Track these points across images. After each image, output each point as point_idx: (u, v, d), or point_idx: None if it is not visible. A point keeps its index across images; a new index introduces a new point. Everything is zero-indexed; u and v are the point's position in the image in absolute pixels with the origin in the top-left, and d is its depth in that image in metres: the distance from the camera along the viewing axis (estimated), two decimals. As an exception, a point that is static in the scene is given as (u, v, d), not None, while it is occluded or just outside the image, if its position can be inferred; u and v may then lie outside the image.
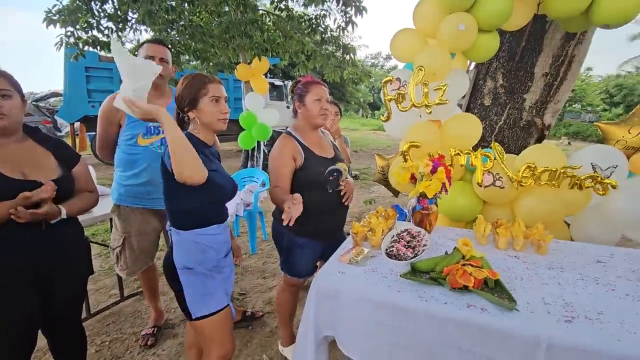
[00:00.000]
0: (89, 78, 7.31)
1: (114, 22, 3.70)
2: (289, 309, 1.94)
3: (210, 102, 1.33)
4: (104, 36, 3.75)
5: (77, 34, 3.64)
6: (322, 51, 5.41)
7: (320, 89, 1.70)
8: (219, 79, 1.41)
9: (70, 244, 1.41)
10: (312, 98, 1.68)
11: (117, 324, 2.26)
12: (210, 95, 1.32)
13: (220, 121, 1.36)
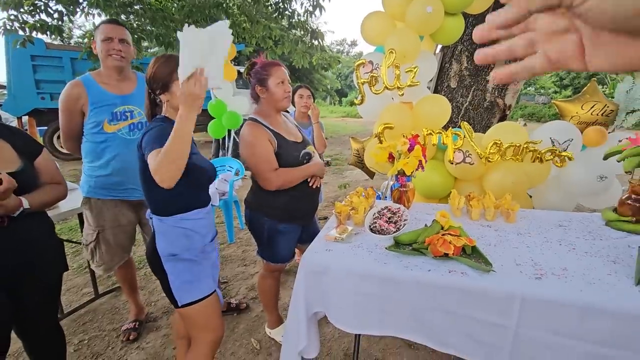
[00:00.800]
0: (36, 67, 6.72)
1: (64, 4, 3.42)
2: (273, 294, 1.96)
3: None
4: (53, 20, 3.46)
5: (21, 17, 3.33)
6: (290, 36, 5.33)
7: (281, 70, 1.64)
8: None
9: (38, 240, 1.33)
10: (275, 81, 1.61)
11: (94, 322, 2.18)
12: None
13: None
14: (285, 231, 1.75)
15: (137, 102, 1.77)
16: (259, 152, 1.59)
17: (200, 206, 1.35)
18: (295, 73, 16.22)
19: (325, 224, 1.63)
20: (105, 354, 1.91)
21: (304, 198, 1.74)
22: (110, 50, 1.70)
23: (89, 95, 1.68)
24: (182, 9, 3.92)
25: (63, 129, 1.74)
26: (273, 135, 1.61)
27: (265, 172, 1.60)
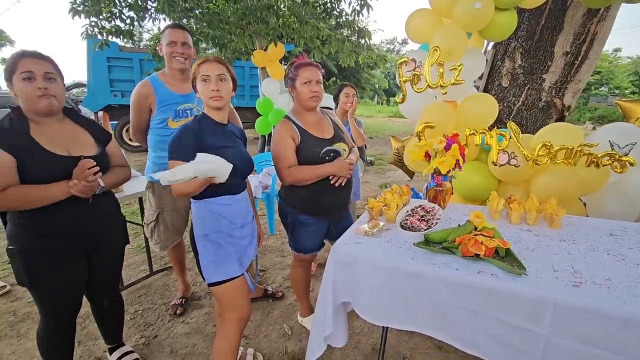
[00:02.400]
0: (110, 68, 7.53)
1: (135, 11, 3.81)
2: (303, 282, 2.03)
3: (200, 81, 1.41)
4: (126, 25, 3.87)
5: (100, 24, 3.78)
6: (337, 36, 5.39)
7: (309, 71, 1.67)
8: (212, 58, 1.45)
9: (110, 216, 1.54)
10: (301, 81, 1.67)
11: (147, 295, 2.43)
12: (200, 75, 1.41)
13: (211, 99, 1.41)
14: (307, 223, 1.81)
15: (196, 99, 1.95)
16: (278, 149, 1.68)
17: (227, 193, 1.46)
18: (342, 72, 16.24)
19: (358, 219, 1.67)
20: (155, 324, 2.13)
21: (325, 194, 1.76)
22: (174, 53, 1.88)
23: (156, 94, 1.89)
24: (236, 12, 4.16)
25: (133, 123, 1.97)
26: (298, 132, 1.68)
27: (280, 169, 1.69)
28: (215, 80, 1.39)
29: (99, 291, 1.64)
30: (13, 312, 2.25)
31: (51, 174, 1.29)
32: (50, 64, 1.32)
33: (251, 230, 1.60)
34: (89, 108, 7.68)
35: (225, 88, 1.42)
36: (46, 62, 1.31)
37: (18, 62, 1.27)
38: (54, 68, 1.33)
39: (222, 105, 1.44)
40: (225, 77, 1.43)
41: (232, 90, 1.48)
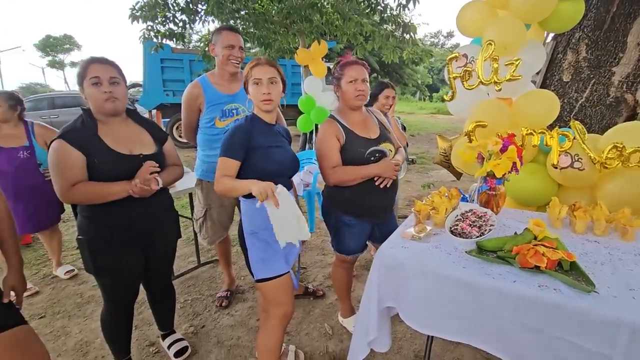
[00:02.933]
0: (163, 69, 8.02)
1: (187, 14, 4.01)
2: (344, 283, 2.02)
3: (252, 84, 1.44)
4: (179, 28, 4.09)
5: (156, 28, 4.02)
6: (381, 31, 5.28)
7: (355, 69, 1.66)
8: (263, 60, 1.47)
9: (165, 211, 1.64)
10: (346, 80, 1.66)
11: (195, 286, 2.57)
12: (253, 78, 1.43)
13: (262, 102, 1.44)
14: (351, 224, 1.79)
15: (242, 99, 2.00)
16: (322, 148, 1.68)
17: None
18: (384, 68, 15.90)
19: (404, 222, 1.62)
20: (202, 314, 2.24)
21: (369, 195, 1.73)
22: (232, 56, 1.92)
23: (205, 95, 1.96)
24: (281, 11, 4.22)
25: (184, 122, 2.07)
26: (343, 132, 1.67)
27: (324, 168, 1.69)
28: (267, 84, 1.42)
29: (153, 280, 1.75)
30: (80, 294, 2.48)
31: (114, 171, 1.39)
32: (114, 68, 1.42)
33: None
34: (144, 107, 8.24)
35: (275, 91, 1.44)
36: (111, 67, 1.41)
37: (88, 68, 1.38)
38: (118, 72, 1.43)
39: (273, 108, 1.47)
40: (276, 80, 1.44)
41: (282, 92, 1.50)
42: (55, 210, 2.54)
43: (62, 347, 1.96)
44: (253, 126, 1.45)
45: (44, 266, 2.89)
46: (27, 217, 2.37)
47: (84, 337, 2.04)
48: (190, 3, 4.01)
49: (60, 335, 2.06)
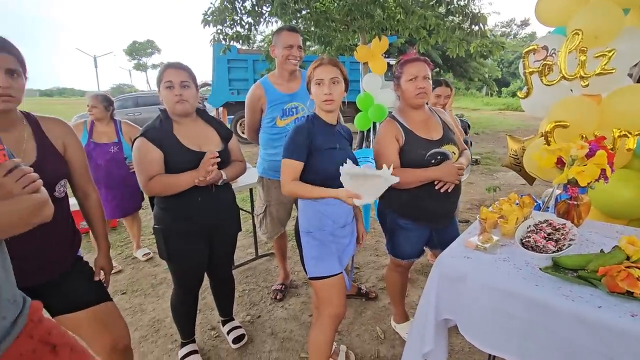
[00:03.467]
0: (230, 69, 8.53)
1: (252, 17, 4.20)
2: (399, 288, 1.97)
3: (314, 84, 1.43)
4: (245, 30, 4.31)
5: (224, 31, 4.28)
6: (446, 24, 4.99)
7: (414, 66, 1.60)
8: (326, 60, 1.45)
9: (228, 205, 1.75)
10: (406, 78, 1.60)
11: (253, 277, 2.70)
12: (315, 78, 1.43)
13: (324, 103, 1.43)
14: (407, 228, 1.73)
15: (301, 98, 2.04)
16: (380, 149, 1.64)
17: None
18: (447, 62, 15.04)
19: (467, 229, 1.52)
20: (258, 305, 2.34)
21: (428, 199, 1.65)
22: (291, 56, 1.97)
23: (267, 95, 2.04)
24: (342, 8, 4.22)
25: (247, 122, 2.18)
26: (403, 132, 1.62)
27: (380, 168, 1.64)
28: (329, 84, 1.41)
29: (216, 269, 1.87)
30: (154, 275, 2.76)
31: (185, 166, 1.51)
32: (186, 73, 1.54)
33: (351, 230, 1.61)
34: (212, 104, 8.86)
35: (337, 91, 1.44)
36: (183, 72, 1.53)
37: (163, 72, 1.52)
38: (189, 76, 1.54)
39: (334, 108, 1.46)
40: (338, 80, 1.44)
41: (344, 92, 1.49)
42: (138, 199, 2.86)
43: (138, 322, 2.20)
44: (314, 127, 1.46)
45: (126, 248, 3.27)
46: (116, 204, 2.71)
47: (156, 314, 2.27)
48: (256, 5, 4.20)
49: (137, 312, 2.31)
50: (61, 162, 1.25)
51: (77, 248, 1.34)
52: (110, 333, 1.31)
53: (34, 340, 0.87)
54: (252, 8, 4.17)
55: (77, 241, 1.34)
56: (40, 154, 1.18)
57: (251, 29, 4.33)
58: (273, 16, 4.14)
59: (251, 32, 4.36)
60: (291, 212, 2.28)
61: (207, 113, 1.76)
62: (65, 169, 1.27)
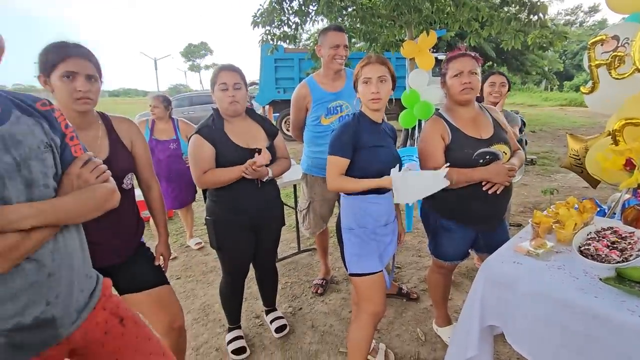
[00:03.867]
0: (277, 68, 8.77)
1: (299, 16, 4.28)
2: (441, 290, 1.92)
3: (362, 83, 1.45)
4: (292, 30, 4.40)
5: (272, 31, 4.41)
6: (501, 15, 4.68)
7: (459, 61, 1.55)
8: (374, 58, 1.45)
9: (273, 200, 1.82)
10: (451, 74, 1.57)
11: (295, 270, 2.78)
12: (362, 77, 1.44)
13: (370, 101, 1.44)
14: (450, 229, 1.68)
15: (346, 97, 2.06)
16: (425, 147, 1.61)
17: (375, 192, 1.48)
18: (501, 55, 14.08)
19: (518, 233, 1.45)
20: (300, 298, 2.42)
21: (475, 200, 1.58)
22: (337, 55, 2.00)
23: (312, 94, 2.09)
24: (389, 3, 4.13)
25: (292, 121, 2.25)
26: (449, 130, 1.58)
27: (423, 167, 1.62)
28: (376, 82, 1.42)
29: (260, 261, 1.96)
30: (205, 263, 2.96)
31: (235, 161, 1.61)
32: (238, 74, 1.62)
33: (393, 229, 1.61)
34: (259, 103, 9.18)
35: (384, 89, 1.44)
36: (236, 74, 1.62)
37: (218, 75, 1.62)
38: (241, 78, 1.63)
39: (381, 107, 1.47)
40: (386, 78, 1.44)
41: (391, 90, 1.48)
42: (192, 191, 3.08)
43: (190, 306, 2.37)
44: (360, 124, 1.48)
45: (180, 236, 3.53)
46: (174, 196, 2.95)
47: (206, 300, 2.43)
48: (303, 5, 4.26)
49: (189, 296, 2.50)
50: (129, 158, 1.40)
51: (141, 235, 1.49)
52: (168, 313, 1.44)
53: (106, 312, 0.99)
54: (299, 8, 4.24)
55: (141, 228, 1.49)
56: (112, 150, 1.33)
57: (298, 29, 4.41)
58: (319, 15, 4.17)
59: (297, 31, 4.44)
60: (333, 209, 2.32)
61: (255, 112, 1.85)
62: (132, 164, 1.42)
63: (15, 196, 0.76)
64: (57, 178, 0.86)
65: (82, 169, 0.89)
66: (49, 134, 0.85)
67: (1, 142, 0.76)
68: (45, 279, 0.82)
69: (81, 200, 0.86)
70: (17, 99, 0.85)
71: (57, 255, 0.84)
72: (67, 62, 1.14)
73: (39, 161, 0.81)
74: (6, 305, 0.77)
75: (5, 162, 0.75)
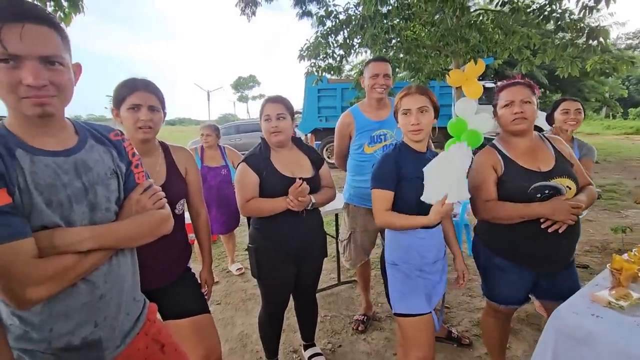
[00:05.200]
0: (319, 97, 9.06)
1: (344, 49, 4.42)
2: (497, 338, 1.73)
3: (401, 114, 1.43)
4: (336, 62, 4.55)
5: (317, 64, 4.59)
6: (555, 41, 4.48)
7: (511, 91, 1.47)
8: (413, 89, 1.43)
9: (316, 230, 1.79)
10: (501, 104, 1.49)
11: (335, 303, 2.68)
12: (402, 108, 1.41)
13: (411, 133, 1.41)
14: (505, 269, 1.52)
15: (390, 125, 2.03)
16: (476, 179, 1.51)
17: (424, 227, 1.39)
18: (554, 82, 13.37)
19: (593, 280, 1.27)
20: (340, 334, 2.30)
21: (532, 239, 1.43)
22: (376, 84, 2.02)
23: (356, 122, 2.09)
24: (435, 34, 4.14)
25: (336, 149, 2.25)
26: (502, 162, 1.47)
27: (476, 201, 1.51)
28: (416, 114, 1.39)
29: (301, 292, 1.91)
30: (245, 290, 2.96)
31: (279, 190, 1.61)
32: (283, 105, 1.66)
33: (442, 267, 1.50)
34: (302, 131, 9.45)
35: (425, 120, 1.40)
36: (280, 105, 1.66)
37: (264, 107, 1.68)
38: (285, 108, 1.66)
39: (422, 138, 1.43)
40: (427, 109, 1.41)
41: (433, 120, 1.44)
42: (237, 217, 3.17)
43: (229, 335, 2.35)
44: (402, 155, 1.44)
45: (222, 261, 3.59)
46: (223, 221, 3.05)
47: (245, 329, 2.40)
48: (347, 39, 4.41)
49: (228, 324, 2.48)
50: (183, 184, 1.46)
51: (188, 259, 1.52)
52: (206, 344, 1.42)
53: (148, 338, 1.00)
54: (344, 41, 4.40)
55: (188, 253, 1.52)
56: (168, 176, 1.39)
57: (342, 60, 4.56)
58: (363, 47, 4.29)
59: (342, 63, 4.59)
60: (375, 241, 2.23)
61: (302, 140, 1.87)
62: (186, 190, 1.47)
63: (80, 219, 0.81)
64: (119, 202, 0.91)
65: (142, 195, 0.93)
66: (116, 161, 0.92)
67: (74, 169, 0.82)
68: (97, 301, 0.84)
69: (137, 225, 0.89)
70: (93, 129, 0.93)
71: (110, 277, 0.87)
72: (134, 95, 1.26)
73: (104, 186, 0.86)
74: (60, 323, 0.80)
75: (75, 186, 0.81)
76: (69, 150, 0.83)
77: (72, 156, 0.82)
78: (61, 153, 0.81)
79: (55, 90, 0.76)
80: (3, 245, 0.68)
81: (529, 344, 2.09)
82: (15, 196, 0.72)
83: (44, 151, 0.79)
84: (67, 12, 3.02)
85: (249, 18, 4.84)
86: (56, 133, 0.82)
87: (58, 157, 0.80)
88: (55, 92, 0.77)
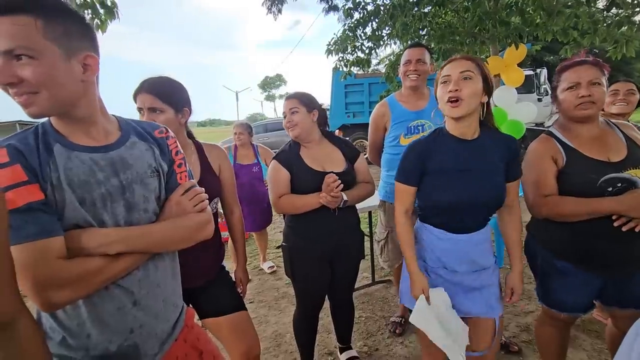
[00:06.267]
0: (347, 93, 8.93)
1: (373, 41, 4.28)
2: (554, 347, 1.56)
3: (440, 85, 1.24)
4: (365, 55, 4.42)
5: (345, 57, 4.49)
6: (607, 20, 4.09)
7: (575, 71, 1.27)
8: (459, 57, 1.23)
9: (351, 228, 1.71)
10: (563, 87, 1.31)
11: (369, 304, 2.58)
12: (442, 77, 1.25)
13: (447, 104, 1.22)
14: (567, 273, 1.36)
15: (428, 116, 1.91)
16: (529, 172, 1.36)
17: (447, 228, 1.29)
18: (604, 65, 12.33)
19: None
20: (375, 336, 2.21)
21: (601, 239, 1.26)
22: (408, 71, 1.91)
23: (392, 113, 1.98)
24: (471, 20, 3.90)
25: (370, 141, 2.15)
26: (563, 151, 1.30)
27: (534, 197, 1.34)
28: (456, 79, 1.14)
29: (336, 293, 1.84)
30: (277, 289, 2.93)
31: (310, 186, 1.55)
32: (296, 99, 1.60)
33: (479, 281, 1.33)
34: (330, 127, 9.39)
35: (468, 89, 1.13)
36: (292, 100, 1.60)
37: (283, 105, 1.63)
38: (298, 102, 1.59)
39: (461, 113, 1.15)
40: (471, 75, 1.14)
41: (482, 92, 1.17)
42: (270, 215, 3.17)
43: (262, 333, 2.33)
44: (434, 143, 1.26)
45: (254, 259, 3.60)
46: (253, 219, 3.05)
47: (278, 328, 2.37)
48: (376, 30, 4.27)
49: (262, 322, 2.46)
50: (217, 182, 1.43)
51: (222, 258, 1.49)
52: (246, 341, 1.39)
53: (186, 345, 0.96)
54: (373, 33, 4.26)
55: (222, 252, 1.49)
56: (202, 174, 1.37)
57: (371, 53, 4.42)
58: (393, 38, 4.13)
59: (371, 55, 4.46)
60: None
61: (333, 134, 1.79)
62: (220, 188, 1.44)
63: (116, 219, 0.77)
64: (160, 203, 0.86)
65: (182, 196, 0.88)
66: (158, 159, 0.87)
67: (111, 166, 0.78)
68: (131, 307, 0.80)
69: (173, 229, 0.84)
70: (139, 126, 0.89)
71: (145, 283, 0.83)
72: (137, 99, 1.24)
73: (142, 185, 0.82)
74: (96, 330, 0.77)
75: (112, 184, 0.77)
76: (108, 147, 0.80)
77: (110, 152, 0.79)
78: (100, 149, 0.78)
79: (30, 86, 0.66)
80: (27, 244, 0.65)
81: (588, 353, 1.90)
82: (48, 192, 0.70)
83: (82, 147, 0.76)
84: (103, 18, 3.13)
85: (276, 16, 4.82)
86: (95, 129, 0.79)
87: (96, 154, 0.77)
88: (33, 89, 0.66)
